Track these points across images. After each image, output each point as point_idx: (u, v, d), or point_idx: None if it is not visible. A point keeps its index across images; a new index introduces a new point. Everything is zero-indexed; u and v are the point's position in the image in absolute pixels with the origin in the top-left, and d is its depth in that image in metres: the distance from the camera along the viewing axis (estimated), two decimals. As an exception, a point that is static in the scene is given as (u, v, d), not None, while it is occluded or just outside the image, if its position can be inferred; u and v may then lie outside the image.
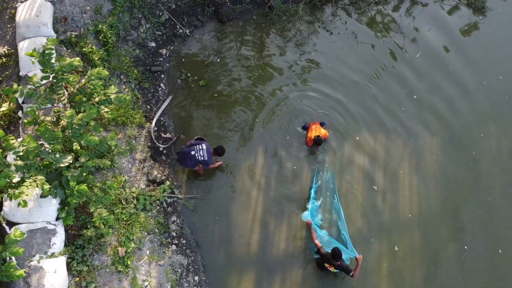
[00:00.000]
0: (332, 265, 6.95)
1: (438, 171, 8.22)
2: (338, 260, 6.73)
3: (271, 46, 9.39)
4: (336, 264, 6.82)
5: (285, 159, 8.31)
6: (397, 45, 9.42)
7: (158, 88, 8.75)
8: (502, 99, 8.77)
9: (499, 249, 7.54)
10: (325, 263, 7.07)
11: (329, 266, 7.05)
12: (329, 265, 7.03)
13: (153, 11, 9.02)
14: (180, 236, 7.58)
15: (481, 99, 8.82)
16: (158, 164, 8.01)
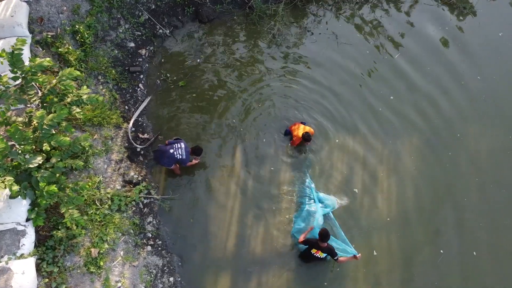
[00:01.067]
0: (319, 249, 6.86)
1: (416, 172, 8.21)
2: (326, 240, 6.70)
3: (252, 47, 9.39)
4: (324, 247, 6.78)
5: (264, 159, 8.31)
6: (376, 46, 9.44)
7: (137, 89, 8.74)
8: (480, 99, 8.77)
9: (473, 251, 7.52)
10: (313, 249, 6.96)
11: (316, 252, 6.94)
12: (317, 250, 6.92)
13: (132, 12, 9.00)
14: (156, 237, 7.56)
15: (459, 99, 8.83)
16: (135, 165, 7.99)
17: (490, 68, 9.14)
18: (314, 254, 7.02)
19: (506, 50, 9.38)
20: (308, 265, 7.46)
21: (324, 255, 6.97)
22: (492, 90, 8.89)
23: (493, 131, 8.50)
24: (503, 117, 8.62)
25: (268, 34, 9.38)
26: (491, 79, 9.00)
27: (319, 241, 6.79)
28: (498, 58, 9.26)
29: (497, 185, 8.03)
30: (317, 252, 6.98)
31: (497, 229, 7.68)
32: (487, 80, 9.00)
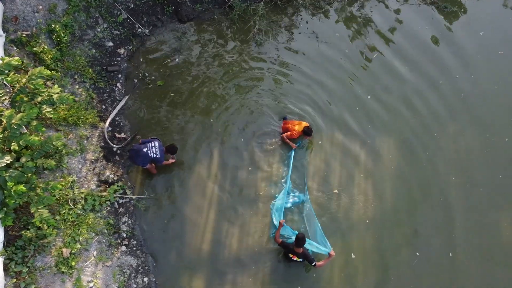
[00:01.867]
0: (295, 254, 6.88)
1: (394, 172, 8.18)
2: (301, 246, 6.69)
3: (232, 46, 9.36)
4: (300, 252, 6.77)
5: (242, 159, 8.27)
6: (355, 45, 9.42)
7: (115, 88, 8.70)
8: (458, 97, 8.76)
9: (449, 252, 7.50)
10: (289, 254, 7.00)
11: (292, 256, 6.98)
12: (293, 255, 6.96)
13: (111, 11, 8.97)
14: (131, 237, 7.53)
15: (437, 98, 8.81)
16: (111, 165, 7.96)
17: (469, 67, 9.12)
18: (291, 258, 7.06)
19: (485, 49, 9.37)
20: (284, 267, 7.44)
21: (301, 260, 6.97)
22: (470, 89, 8.88)
23: (470, 130, 8.49)
24: (481, 116, 8.61)
25: (248, 33, 9.34)
26: (470, 78, 8.99)
27: (294, 246, 6.78)
28: (478, 57, 9.25)
29: (474, 184, 8.01)
30: (293, 257, 7.00)
31: (472, 229, 7.68)
32: (466, 79, 8.99)
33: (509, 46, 9.38)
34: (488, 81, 8.96)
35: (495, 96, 8.78)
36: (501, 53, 9.30)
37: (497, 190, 7.95)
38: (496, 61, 9.19)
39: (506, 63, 9.15)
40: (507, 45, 9.40)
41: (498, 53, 9.30)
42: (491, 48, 9.37)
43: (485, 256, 7.47)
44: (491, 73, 9.03)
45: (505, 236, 7.63)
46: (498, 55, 9.27)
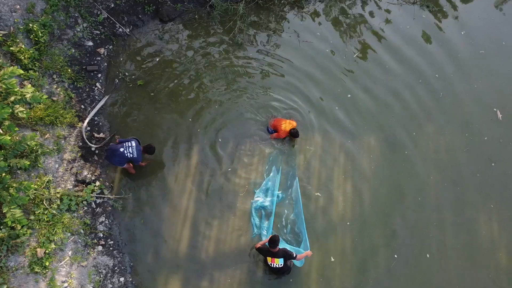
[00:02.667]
0: (273, 256, 6.75)
1: (374, 172, 8.14)
2: (275, 246, 6.61)
3: (213, 46, 9.34)
4: (276, 251, 6.68)
5: (220, 160, 8.24)
6: (337, 44, 9.40)
7: (94, 88, 8.67)
8: (436, 97, 8.75)
9: (427, 254, 7.46)
10: (268, 257, 6.87)
11: (272, 260, 6.82)
12: (272, 258, 6.80)
13: (91, 10, 8.94)
14: (108, 237, 7.51)
15: (416, 97, 8.78)
16: (89, 164, 7.94)
17: (448, 66, 9.11)
18: (271, 265, 6.89)
19: (465, 48, 9.35)
20: (263, 269, 7.40)
21: (281, 261, 6.81)
22: (449, 88, 8.86)
23: (449, 129, 8.47)
24: (460, 115, 8.58)
25: (229, 32, 9.33)
26: (449, 77, 8.97)
27: (269, 248, 6.74)
28: (458, 56, 9.24)
29: (452, 184, 8.00)
30: (272, 261, 6.85)
31: (449, 228, 7.64)
32: (445, 78, 8.97)
33: (490, 45, 9.37)
34: (468, 80, 8.94)
35: (475, 95, 8.77)
36: (481, 52, 9.29)
37: (475, 188, 7.94)
38: (477, 60, 9.17)
39: (486, 62, 9.14)
40: (488, 44, 9.39)
41: (479, 52, 9.28)
42: (472, 47, 9.36)
43: (461, 256, 7.44)
44: (471, 72, 9.01)
45: (481, 235, 7.61)
46: (479, 54, 9.26)
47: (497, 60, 9.18)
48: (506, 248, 7.54)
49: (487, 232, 7.60)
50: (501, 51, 9.29)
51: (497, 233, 7.61)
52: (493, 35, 9.49)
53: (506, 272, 7.33)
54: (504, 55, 9.25)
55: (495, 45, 9.35)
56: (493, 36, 9.48)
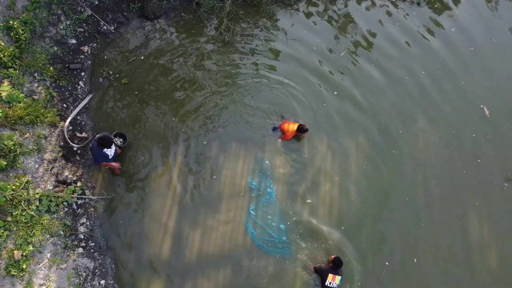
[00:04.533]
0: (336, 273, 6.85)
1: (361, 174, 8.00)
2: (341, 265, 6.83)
3: (199, 44, 9.19)
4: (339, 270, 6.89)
5: (205, 162, 8.07)
6: (324, 42, 9.26)
7: (77, 86, 8.50)
8: (424, 93, 8.62)
9: (414, 258, 7.33)
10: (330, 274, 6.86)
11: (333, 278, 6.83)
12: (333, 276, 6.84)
13: (74, 8, 8.77)
14: (89, 239, 7.34)
15: (402, 94, 8.65)
16: (71, 165, 7.77)
17: (435, 63, 8.98)
18: (330, 283, 6.85)
19: (453, 45, 9.24)
20: (247, 273, 7.28)
21: (339, 279, 6.86)
22: (436, 85, 8.74)
23: (436, 126, 8.35)
24: (447, 112, 8.49)
25: (215, 30, 9.18)
26: (436, 74, 8.85)
27: (334, 267, 6.80)
28: (446, 52, 9.13)
29: (438, 182, 7.87)
30: (333, 279, 6.86)
31: (437, 228, 7.55)
32: (432, 75, 8.83)
33: (480, 42, 9.25)
34: (455, 77, 8.83)
35: (462, 92, 8.65)
36: (471, 50, 9.17)
37: (460, 186, 7.83)
38: (465, 57, 9.05)
39: (475, 59, 9.03)
40: (478, 41, 9.27)
41: (469, 50, 9.16)
42: (462, 44, 9.24)
43: (447, 257, 7.34)
44: (458, 69, 8.90)
45: (466, 234, 7.52)
46: (469, 51, 9.14)
47: (486, 56, 9.08)
48: (490, 247, 7.45)
49: (472, 231, 7.52)
50: (491, 48, 9.18)
51: (481, 232, 7.52)
52: (484, 32, 9.37)
53: (490, 272, 7.21)
54: (493, 52, 9.15)
55: (485, 42, 9.24)
56: (484, 33, 9.36)
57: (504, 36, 9.37)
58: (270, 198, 7.80)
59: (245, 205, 7.76)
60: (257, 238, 7.42)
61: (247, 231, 7.50)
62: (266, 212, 7.64)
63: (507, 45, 9.23)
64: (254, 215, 7.58)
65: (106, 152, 6.94)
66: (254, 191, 7.80)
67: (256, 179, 7.88)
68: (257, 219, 7.58)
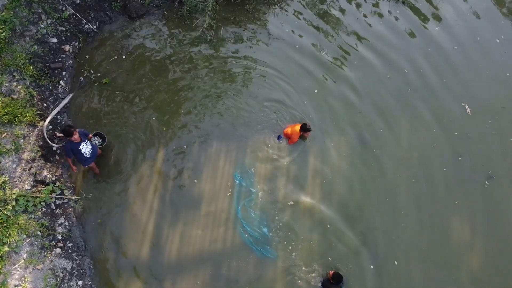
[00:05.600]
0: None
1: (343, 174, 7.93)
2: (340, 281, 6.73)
3: (181, 43, 9.14)
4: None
5: (185, 164, 8.01)
6: (307, 41, 9.22)
7: (58, 86, 8.44)
8: (405, 92, 8.57)
9: (395, 260, 7.26)
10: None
11: None
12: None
13: (55, 6, 8.71)
14: (67, 239, 7.27)
15: (384, 92, 8.60)
16: (50, 164, 7.70)
17: (417, 61, 8.95)
18: None
19: (436, 43, 9.19)
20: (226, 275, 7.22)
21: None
22: (418, 83, 8.69)
23: (417, 125, 8.28)
24: (428, 110, 8.42)
25: (198, 29, 9.13)
26: (418, 72, 8.80)
27: (334, 284, 6.76)
28: (429, 50, 9.09)
29: (418, 181, 7.81)
30: None
31: (415, 228, 7.47)
32: (414, 74, 8.79)
33: (463, 41, 9.22)
34: (437, 75, 8.78)
35: (444, 91, 8.60)
36: (455, 48, 9.13)
37: (440, 184, 7.77)
38: (449, 56, 9.02)
39: (458, 57, 9.00)
40: (462, 40, 9.24)
41: (452, 48, 9.13)
42: (445, 43, 9.20)
43: (427, 258, 7.27)
44: (440, 68, 8.86)
45: (445, 233, 7.44)
46: (452, 50, 9.11)
47: (469, 55, 9.04)
48: (470, 246, 7.37)
49: (452, 231, 7.44)
50: (474, 47, 9.15)
51: (462, 231, 7.44)
52: (468, 31, 9.34)
53: (469, 272, 7.16)
54: (476, 51, 9.11)
55: (469, 41, 9.21)
56: (468, 32, 9.33)
57: (488, 35, 9.33)
58: (254, 199, 7.75)
59: (225, 206, 7.70)
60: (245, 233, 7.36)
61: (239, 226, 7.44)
62: (250, 211, 7.57)
63: (491, 44, 9.19)
64: (240, 216, 7.52)
65: (81, 150, 6.89)
66: (240, 188, 7.69)
67: (241, 176, 7.80)
68: (243, 219, 7.51)
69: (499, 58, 9.02)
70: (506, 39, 9.27)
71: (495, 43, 9.25)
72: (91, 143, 7.15)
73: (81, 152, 6.94)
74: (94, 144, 7.60)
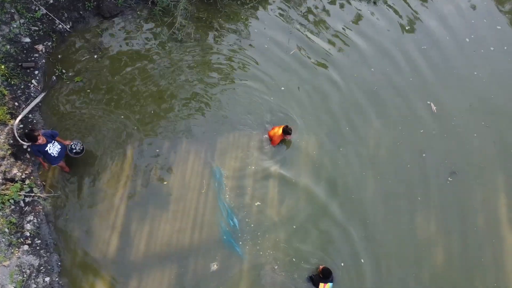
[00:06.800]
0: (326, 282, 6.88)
1: (309, 174, 8.01)
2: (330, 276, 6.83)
3: (153, 43, 9.23)
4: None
5: (156, 161, 8.09)
6: (277, 40, 9.31)
7: (30, 85, 8.52)
8: (371, 90, 8.67)
9: (361, 258, 7.34)
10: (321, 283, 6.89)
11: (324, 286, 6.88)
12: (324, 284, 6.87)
13: (28, 6, 8.79)
14: (35, 236, 7.36)
15: (350, 91, 8.69)
16: (20, 163, 7.78)
17: (384, 61, 9.05)
18: None
19: (401, 43, 9.30)
20: (192, 272, 7.29)
21: (331, 285, 6.92)
22: (384, 82, 8.78)
23: (382, 123, 8.37)
24: (394, 108, 8.51)
25: (170, 29, 9.22)
26: (384, 71, 8.91)
27: (323, 278, 6.82)
28: (396, 49, 9.19)
29: (383, 178, 7.89)
30: (324, 286, 6.91)
31: (379, 225, 7.55)
32: (380, 73, 8.89)
33: (433, 41, 9.34)
34: (404, 75, 8.88)
35: (410, 89, 8.70)
36: (424, 48, 9.25)
37: (405, 180, 7.86)
38: (416, 55, 9.12)
39: (424, 55, 9.11)
40: (432, 40, 9.36)
41: (421, 48, 9.25)
42: (413, 42, 9.31)
43: (390, 254, 7.34)
44: (407, 67, 8.96)
45: (407, 230, 7.52)
46: (421, 49, 9.23)
47: (436, 54, 9.15)
48: (430, 242, 7.44)
49: (414, 226, 7.53)
50: (444, 46, 9.27)
51: (426, 227, 7.53)
52: (438, 30, 9.46)
53: (432, 268, 7.24)
54: (444, 50, 9.24)
55: (438, 40, 9.33)
56: (438, 31, 9.44)
57: (458, 35, 9.44)
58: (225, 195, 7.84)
59: (193, 204, 7.78)
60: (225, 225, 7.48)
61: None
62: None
63: (460, 44, 9.31)
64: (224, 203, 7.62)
65: (48, 151, 6.98)
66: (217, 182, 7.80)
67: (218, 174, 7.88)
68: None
69: (468, 57, 9.14)
70: (475, 38, 9.39)
71: (465, 42, 9.37)
72: (59, 144, 7.22)
73: (48, 153, 7.04)
74: (73, 148, 7.64)
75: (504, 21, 9.66)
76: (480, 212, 7.66)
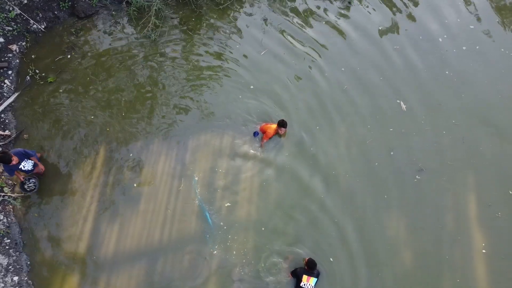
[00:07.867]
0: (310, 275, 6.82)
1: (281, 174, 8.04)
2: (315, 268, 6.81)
3: (128, 42, 9.26)
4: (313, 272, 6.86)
5: (127, 159, 8.13)
6: (251, 41, 9.37)
7: (3, 85, 8.55)
8: (341, 89, 8.73)
9: (331, 257, 7.39)
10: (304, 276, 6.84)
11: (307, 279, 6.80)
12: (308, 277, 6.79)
13: (2, 6, 8.81)
14: (4, 236, 7.38)
15: (319, 90, 8.71)
16: (-9, 162, 7.77)
17: (354, 59, 9.09)
18: (304, 285, 6.82)
19: (373, 43, 9.37)
20: (161, 269, 7.33)
21: (314, 281, 6.85)
22: (354, 81, 8.84)
23: (351, 121, 8.39)
24: (364, 107, 8.53)
25: (144, 29, 9.26)
26: (356, 70, 8.96)
27: (308, 269, 6.80)
28: (368, 48, 9.24)
29: (352, 176, 7.92)
30: (308, 280, 6.83)
31: (347, 226, 7.56)
32: (350, 72, 8.94)
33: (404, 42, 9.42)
34: (374, 73, 8.93)
35: (380, 88, 8.76)
36: (396, 48, 9.33)
37: (372, 179, 7.89)
38: (388, 55, 9.19)
39: (398, 56, 9.18)
40: (403, 40, 9.44)
41: (394, 48, 9.33)
42: (386, 42, 9.38)
43: (359, 255, 7.36)
44: (378, 66, 9.01)
45: (372, 229, 7.54)
46: (393, 49, 9.30)
47: (407, 53, 9.21)
48: (397, 240, 7.46)
49: (379, 225, 7.53)
50: (414, 45, 9.34)
51: (389, 226, 7.54)
52: (410, 30, 9.54)
53: (393, 267, 7.26)
54: (416, 49, 9.29)
55: (410, 40, 9.41)
56: (410, 32, 9.52)
57: (430, 34, 9.52)
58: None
59: (164, 202, 7.81)
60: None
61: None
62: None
63: (432, 43, 9.39)
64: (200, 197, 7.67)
65: (23, 168, 7.15)
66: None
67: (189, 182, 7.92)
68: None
69: (439, 57, 9.22)
70: (448, 38, 9.47)
71: (438, 41, 9.45)
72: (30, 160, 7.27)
73: (23, 169, 7.15)
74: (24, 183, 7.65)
75: (476, 21, 9.76)
76: (449, 210, 7.71)
